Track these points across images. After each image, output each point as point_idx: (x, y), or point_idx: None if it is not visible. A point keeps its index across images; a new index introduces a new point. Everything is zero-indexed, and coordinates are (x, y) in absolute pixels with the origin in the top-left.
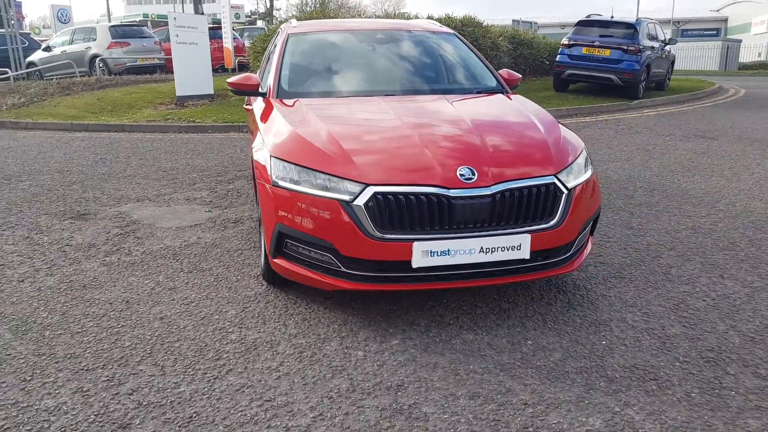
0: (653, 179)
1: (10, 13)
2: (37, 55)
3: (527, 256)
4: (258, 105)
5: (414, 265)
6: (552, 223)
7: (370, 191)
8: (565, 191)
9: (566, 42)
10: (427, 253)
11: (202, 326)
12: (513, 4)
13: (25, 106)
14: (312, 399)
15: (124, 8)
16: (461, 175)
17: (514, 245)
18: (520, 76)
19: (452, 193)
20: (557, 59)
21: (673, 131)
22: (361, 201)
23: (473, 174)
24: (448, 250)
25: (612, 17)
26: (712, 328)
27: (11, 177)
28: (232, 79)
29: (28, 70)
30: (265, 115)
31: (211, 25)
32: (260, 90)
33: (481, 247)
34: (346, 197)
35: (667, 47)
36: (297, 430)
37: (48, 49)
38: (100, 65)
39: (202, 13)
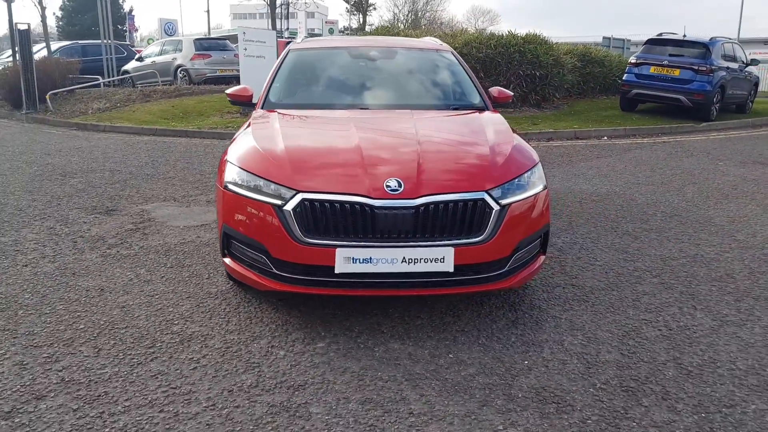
0: (680, 205)
1: (108, 25)
2: (131, 65)
3: (451, 269)
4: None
5: (336, 271)
6: (480, 238)
7: (299, 197)
8: (497, 207)
9: (634, 60)
10: (349, 259)
11: (153, 317)
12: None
13: (108, 111)
14: (214, 390)
15: (230, 22)
16: (388, 186)
17: (438, 257)
18: (511, 93)
19: (376, 203)
20: (624, 78)
21: (731, 156)
22: (290, 206)
23: (400, 186)
24: (371, 258)
25: (684, 36)
26: (652, 358)
27: (68, 174)
28: (230, 90)
29: (121, 77)
30: (245, 124)
31: (287, 39)
32: (252, 101)
33: (404, 258)
34: (279, 202)
35: (750, 68)
36: (185, 415)
37: (141, 59)
38: (183, 75)
39: (275, 29)
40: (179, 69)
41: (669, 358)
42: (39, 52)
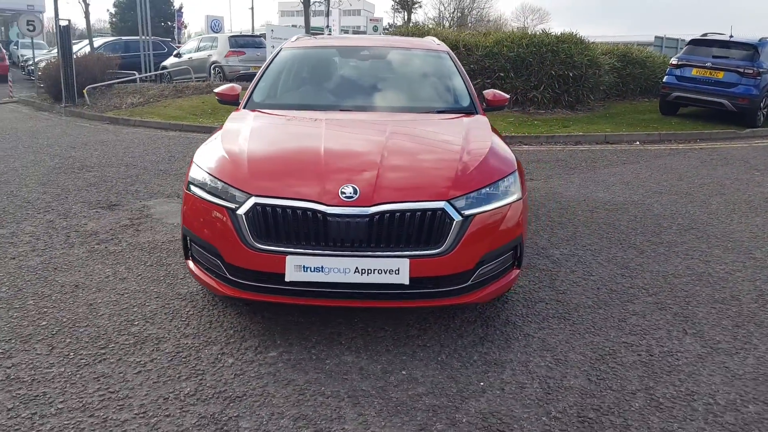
0: (700, 217)
1: (146, 22)
2: (169, 61)
3: (406, 282)
4: None
5: (287, 279)
6: (438, 250)
7: (251, 201)
8: (458, 218)
9: (675, 62)
10: (300, 267)
11: (116, 316)
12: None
13: (141, 106)
14: (150, 397)
15: (278, 19)
16: (342, 193)
17: (392, 269)
18: (507, 96)
19: (328, 210)
20: (664, 80)
21: None
22: (242, 210)
23: (356, 193)
24: (322, 267)
25: (731, 36)
26: (621, 386)
27: (85, 167)
28: (219, 89)
29: (158, 72)
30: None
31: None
32: (239, 100)
33: (357, 268)
34: (233, 205)
35: None
36: (112, 422)
37: (178, 55)
38: (217, 71)
39: (309, 27)
40: (213, 65)
41: (640, 387)
42: (85, 47)
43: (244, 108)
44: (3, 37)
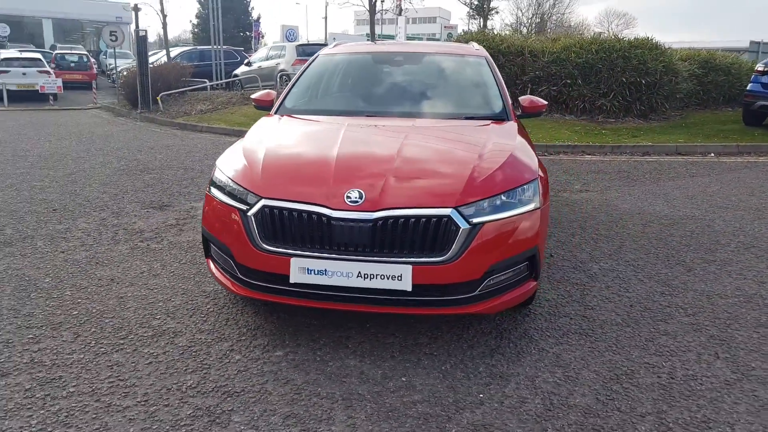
0: (765, 235)
1: (218, 32)
2: (240, 69)
3: (408, 288)
4: None
5: (291, 280)
6: (443, 258)
7: (261, 203)
8: (465, 226)
9: (761, 68)
10: (304, 270)
11: (142, 309)
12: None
13: (210, 113)
14: (155, 386)
15: (354, 28)
16: (348, 197)
17: (395, 275)
18: (545, 103)
19: (333, 213)
20: (748, 88)
21: None
22: (252, 212)
23: (361, 198)
24: (326, 270)
25: None
26: (631, 408)
27: (146, 170)
28: (255, 95)
29: (229, 80)
30: None
31: None
32: (273, 105)
33: (359, 272)
34: (244, 207)
35: None
36: (115, 408)
37: (249, 64)
38: (285, 79)
39: (374, 35)
40: (281, 74)
41: (652, 411)
42: (162, 57)
43: (276, 113)
44: (94, 47)
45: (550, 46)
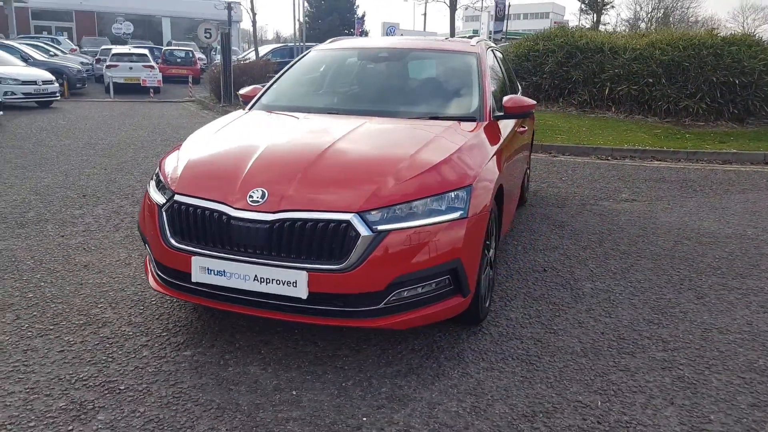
0: None
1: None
2: None
3: (304, 296)
4: None
5: (192, 279)
6: (341, 266)
7: (174, 199)
8: (368, 233)
9: None
10: (205, 269)
11: (90, 297)
12: None
13: None
14: (50, 375)
15: (462, 24)
16: (251, 196)
17: (290, 281)
18: (532, 103)
19: (233, 213)
20: None
21: None
22: (165, 206)
23: (263, 198)
24: (224, 271)
25: None
26: None
27: None
28: (242, 90)
29: None
30: None
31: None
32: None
33: (256, 276)
34: (161, 201)
35: None
36: (3, 391)
37: None
38: None
39: (453, 31)
40: None
41: None
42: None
43: (251, 109)
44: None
45: (636, 42)
